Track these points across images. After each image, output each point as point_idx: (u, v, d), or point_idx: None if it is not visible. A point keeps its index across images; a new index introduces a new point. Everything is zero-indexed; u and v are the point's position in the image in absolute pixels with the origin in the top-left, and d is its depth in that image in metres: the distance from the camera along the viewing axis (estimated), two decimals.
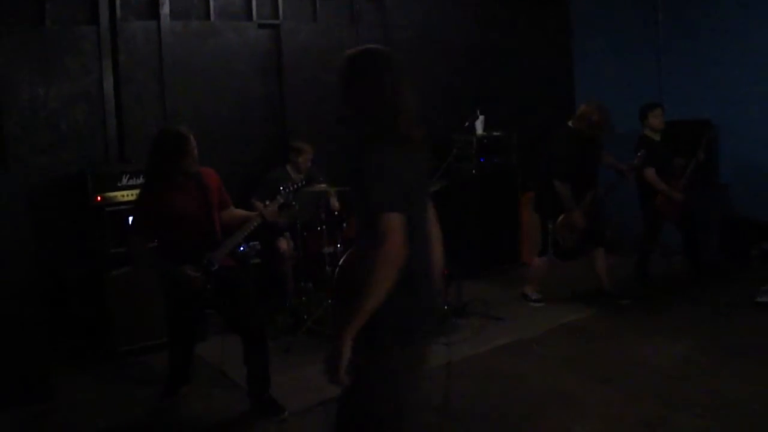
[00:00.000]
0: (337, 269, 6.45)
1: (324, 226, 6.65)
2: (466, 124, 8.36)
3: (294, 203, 5.54)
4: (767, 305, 6.71)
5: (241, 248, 6.09)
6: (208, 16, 7.43)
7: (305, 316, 6.53)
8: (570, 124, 6.99)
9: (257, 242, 6.66)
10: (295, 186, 5.28)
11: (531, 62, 9.78)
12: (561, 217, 6.86)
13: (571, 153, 6.77)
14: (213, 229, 4.84)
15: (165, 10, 7.09)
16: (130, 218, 5.47)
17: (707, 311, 6.77)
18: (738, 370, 5.38)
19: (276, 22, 7.89)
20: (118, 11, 6.86)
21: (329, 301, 6.50)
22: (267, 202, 5.17)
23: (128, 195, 6.10)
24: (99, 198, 6.09)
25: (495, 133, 8.66)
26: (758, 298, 6.81)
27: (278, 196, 5.13)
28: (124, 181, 6.16)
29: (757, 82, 8.11)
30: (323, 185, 6.65)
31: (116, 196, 6.13)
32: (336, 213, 6.94)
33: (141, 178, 6.01)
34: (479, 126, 8.55)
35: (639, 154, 7.19)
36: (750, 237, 8.11)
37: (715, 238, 7.99)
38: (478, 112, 8.53)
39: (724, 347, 5.85)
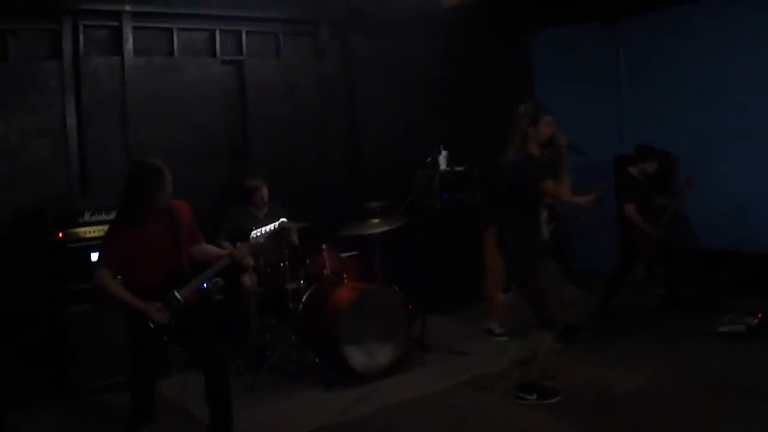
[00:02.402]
0: (301, 305, 6.47)
1: (286, 262, 6.64)
2: (429, 159, 8.43)
3: (264, 245, 5.48)
4: (729, 335, 6.77)
5: (204, 285, 6.05)
6: (171, 52, 7.46)
7: (269, 353, 6.49)
8: None
9: (220, 278, 6.63)
10: (268, 230, 5.22)
11: (494, 98, 9.85)
12: None
13: None
14: (181, 265, 4.80)
15: (128, 45, 7.10)
16: (93, 254, 5.42)
17: (671, 342, 6.81)
18: (705, 400, 5.41)
19: (239, 58, 7.93)
20: (81, 47, 6.87)
21: (293, 338, 6.49)
22: (238, 244, 5.12)
23: (91, 231, 6.05)
24: (61, 234, 6.02)
25: (458, 169, 8.72)
26: (720, 328, 6.87)
27: (251, 239, 5.07)
28: (87, 217, 6.10)
29: (713, 118, 8.34)
30: (285, 221, 6.61)
31: (78, 233, 6.06)
32: (296, 248, 6.91)
33: (104, 214, 5.99)
34: (442, 161, 8.61)
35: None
36: (711, 268, 8.26)
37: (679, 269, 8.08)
38: (442, 147, 8.60)
39: (690, 378, 5.88)
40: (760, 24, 7.90)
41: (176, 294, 4.69)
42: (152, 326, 4.62)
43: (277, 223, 5.23)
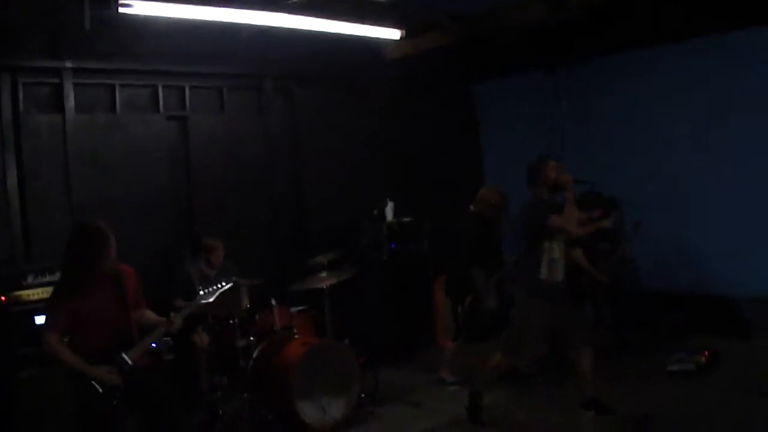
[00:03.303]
0: (252, 362, 6.39)
1: (236, 320, 6.56)
2: (375, 211, 8.45)
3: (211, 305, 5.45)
4: (678, 373, 6.90)
5: (154, 345, 5.94)
6: (114, 108, 7.36)
7: (221, 412, 6.37)
8: (471, 208, 7.17)
9: (169, 338, 6.52)
10: (214, 288, 5.21)
11: (440, 148, 10.00)
12: (469, 299, 6.97)
13: (476, 236, 6.93)
14: (128, 328, 4.72)
15: (70, 103, 6.98)
16: (38, 317, 5.30)
17: (622, 383, 6.80)
18: None
19: (183, 113, 7.87)
20: (21, 104, 6.73)
21: (245, 395, 6.39)
22: (171, 314, 5.03)
23: (35, 294, 5.89)
24: (3, 298, 5.86)
25: (405, 219, 8.76)
26: (669, 367, 7.00)
27: (197, 299, 5.07)
28: (30, 279, 5.95)
29: (656, 161, 8.64)
30: (237, 280, 6.54)
31: (22, 296, 5.91)
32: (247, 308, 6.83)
33: (48, 276, 5.85)
34: (389, 213, 8.64)
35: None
36: (658, 308, 8.41)
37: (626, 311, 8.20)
38: (388, 199, 8.64)
39: (642, 417, 5.94)
40: (698, 70, 8.21)
41: (125, 356, 4.61)
42: (101, 390, 4.52)
43: (226, 284, 5.22)
